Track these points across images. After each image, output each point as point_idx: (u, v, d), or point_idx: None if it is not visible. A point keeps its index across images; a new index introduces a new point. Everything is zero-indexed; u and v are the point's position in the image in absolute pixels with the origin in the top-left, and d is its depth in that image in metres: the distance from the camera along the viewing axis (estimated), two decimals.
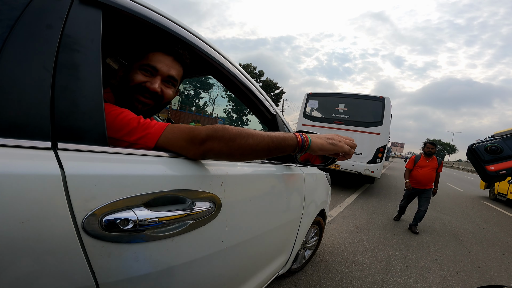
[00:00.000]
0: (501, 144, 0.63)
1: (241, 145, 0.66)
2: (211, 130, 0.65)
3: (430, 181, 3.72)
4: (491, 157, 0.63)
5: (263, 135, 0.69)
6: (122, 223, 0.50)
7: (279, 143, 0.70)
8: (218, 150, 0.65)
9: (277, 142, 0.70)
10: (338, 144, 0.79)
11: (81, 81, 0.50)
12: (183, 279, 0.68)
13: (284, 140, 0.70)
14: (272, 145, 0.69)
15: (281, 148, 0.71)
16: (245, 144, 0.66)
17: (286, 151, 0.73)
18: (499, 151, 0.62)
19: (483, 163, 0.64)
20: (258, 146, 0.67)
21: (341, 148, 0.79)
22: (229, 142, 0.65)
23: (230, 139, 0.65)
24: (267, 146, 0.69)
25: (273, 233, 1.13)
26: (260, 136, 0.68)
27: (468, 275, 2.43)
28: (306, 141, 0.74)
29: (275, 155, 0.72)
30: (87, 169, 0.48)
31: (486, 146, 0.64)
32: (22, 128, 0.42)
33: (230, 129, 0.66)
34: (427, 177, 3.71)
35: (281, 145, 0.70)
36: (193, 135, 0.65)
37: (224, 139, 0.64)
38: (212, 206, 0.71)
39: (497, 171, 0.62)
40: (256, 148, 0.67)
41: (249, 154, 0.68)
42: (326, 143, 0.77)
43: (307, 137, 0.75)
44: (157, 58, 0.76)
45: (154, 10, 0.68)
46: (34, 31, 0.45)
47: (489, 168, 0.63)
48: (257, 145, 0.67)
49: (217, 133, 0.64)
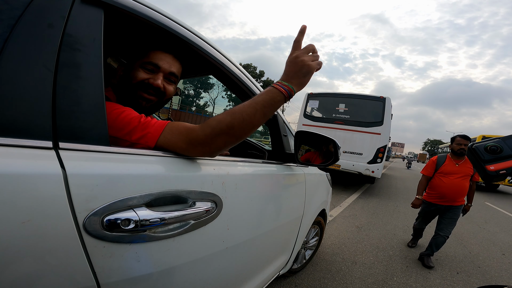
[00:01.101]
0: (501, 143, 0.63)
1: (241, 127, 0.65)
2: (208, 128, 0.64)
3: (461, 194, 2.42)
4: (491, 157, 0.63)
5: (253, 105, 0.67)
6: (123, 223, 0.50)
7: (270, 104, 0.69)
8: (225, 144, 0.65)
9: (268, 105, 0.68)
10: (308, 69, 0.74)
11: (82, 81, 0.50)
12: (185, 279, 0.68)
13: (273, 99, 0.69)
14: (266, 111, 0.68)
15: (274, 107, 0.70)
16: (244, 124, 0.65)
17: (278, 106, 0.71)
18: (499, 151, 0.63)
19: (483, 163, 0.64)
20: (255, 118, 0.66)
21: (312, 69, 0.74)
22: (230, 132, 0.64)
23: (229, 128, 0.64)
24: (262, 113, 0.68)
25: (274, 233, 1.13)
26: (252, 108, 0.67)
27: (468, 275, 2.43)
28: (290, 90, 0.72)
29: (270, 116, 0.71)
30: (88, 168, 0.48)
31: (486, 146, 0.64)
32: (23, 128, 0.42)
33: (223, 119, 0.65)
34: (457, 189, 2.41)
35: (273, 106, 0.69)
36: (191, 137, 0.64)
37: (224, 132, 0.64)
38: (213, 206, 0.71)
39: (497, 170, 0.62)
40: (254, 121, 0.66)
41: (251, 129, 0.67)
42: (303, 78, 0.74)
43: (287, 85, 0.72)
44: (158, 56, 0.78)
45: (155, 10, 0.68)
46: (35, 30, 0.45)
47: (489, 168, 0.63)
48: (254, 118, 0.66)
49: (214, 130, 0.64)
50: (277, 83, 0.71)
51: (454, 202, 2.45)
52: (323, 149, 1.39)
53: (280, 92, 0.70)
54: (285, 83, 0.72)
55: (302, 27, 0.75)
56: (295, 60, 0.74)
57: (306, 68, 0.73)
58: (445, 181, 2.46)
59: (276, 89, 0.70)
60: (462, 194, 2.43)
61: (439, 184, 2.50)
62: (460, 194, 2.42)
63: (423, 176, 2.68)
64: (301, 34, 0.75)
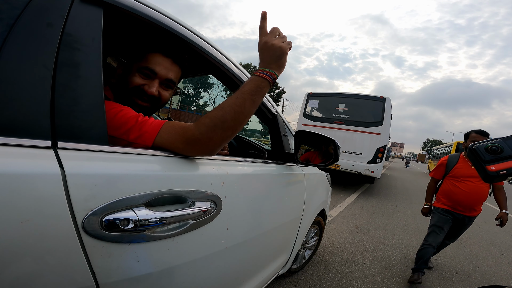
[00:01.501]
0: (502, 144, 0.64)
1: (234, 119, 0.66)
2: (203, 126, 0.64)
3: (479, 202, 2.00)
4: (491, 157, 0.63)
5: (241, 96, 0.68)
6: (122, 223, 0.49)
7: (257, 91, 0.70)
8: (222, 139, 0.65)
9: (255, 93, 0.70)
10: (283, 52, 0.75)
11: (81, 80, 0.50)
12: (184, 279, 0.67)
13: (259, 86, 0.71)
14: (255, 98, 0.70)
15: (261, 94, 0.71)
16: (237, 115, 0.66)
17: (265, 92, 0.73)
18: (500, 151, 0.63)
19: (484, 163, 0.64)
20: (246, 108, 0.68)
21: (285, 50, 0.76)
22: (225, 125, 0.65)
23: (222, 122, 0.64)
24: (252, 101, 0.69)
25: (273, 233, 1.13)
26: (241, 99, 0.68)
27: (468, 275, 2.43)
28: (273, 75, 0.73)
29: (259, 103, 0.73)
30: (87, 168, 0.48)
31: (487, 146, 0.64)
32: (22, 127, 0.42)
33: (215, 114, 0.65)
34: (476, 196, 1.97)
35: (260, 92, 0.71)
36: (187, 136, 0.64)
37: (219, 127, 0.64)
38: (213, 206, 0.70)
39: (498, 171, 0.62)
40: (245, 111, 0.68)
41: (244, 119, 0.68)
42: (279, 61, 0.75)
43: (268, 71, 0.73)
44: (156, 60, 0.77)
45: (154, 9, 0.68)
46: (34, 29, 0.45)
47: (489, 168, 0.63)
48: (245, 108, 0.67)
49: (208, 126, 0.64)
50: (258, 71, 0.73)
51: (471, 212, 2.03)
52: (323, 149, 1.39)
53: (263, 79, 0.72)
54: (265, 69, 0.73)
55: (262, 13, 0.77)
56: (265, 46, 0.75)
57: (279, 51, 0.75)
58: (461, 187, 2.01)
59: (259, 76, 0.72)
60: (481, 201, 1.99)
61: (452, 190, 2.05)
62: (479, 201, 1.99)
63: (431, 179, 2.28)
64: (264, 20, 0.77)
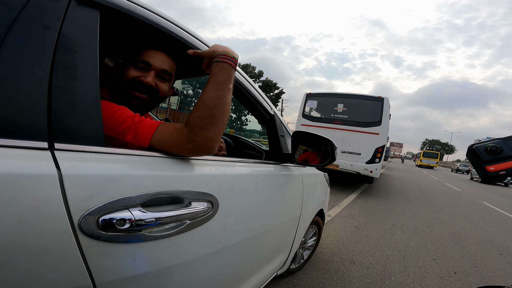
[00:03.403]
0: (501, 144, 0.64)
1: (220, 111, 0.68)
2: (195, 128, 0.64)
3: None
4: (491, 157, 0.63)
5: (217, 87, 0.70)
6: (118, 223, 0.50)
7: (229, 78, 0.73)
8: (217, 133, 0.67)
9: (228, 80, 0.73)
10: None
11: (78, 82, 0.50)
12: (181, 279, 0.68)
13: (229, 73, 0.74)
14: (229, 84, 0.73)
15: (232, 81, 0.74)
16: (221, 107, 0.68)
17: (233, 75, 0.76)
18: (499, 152, 0.63)
19: (483, 164, 0.64)
20: (226, 97, 0.71)
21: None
22: (214, 120, 0.66)
23: (211, 118, 0.66)
24: (228, 89, 0.72)
25: (271, 233, 1.13)
26: (219, 90, 0.70)
27: (466, 275, 2.43)
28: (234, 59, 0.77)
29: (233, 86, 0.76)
30: (83, 169, 0.48)
31: (486, 146, 0.64)
32: (19, 128, 0.43)
33: (201, 112, 0.66)
34: None
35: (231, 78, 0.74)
36: (184, 138, 0.64)
37: (209, 123, 0.65)
38: (210, 206, 0.71)
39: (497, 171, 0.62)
40: (226, 99, 0.70)
41: (228, 108, 0.71)
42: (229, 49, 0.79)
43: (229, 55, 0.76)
44: (150, 54, 0.79)
45: (152, 11, 0.68)
46: (31, 31, 0.45)
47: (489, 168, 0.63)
48: (225, 97, 0.70)
49: (200, 126, 0.64)
50: (221, 58, 0.75)
51: None
52: (322, 149, 1.40)
53: (229, 65, 0.75)
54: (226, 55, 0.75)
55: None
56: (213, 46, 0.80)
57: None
58: None
59: (226, 63, 0.74)
60: None
61: None
62: None
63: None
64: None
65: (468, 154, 0.69)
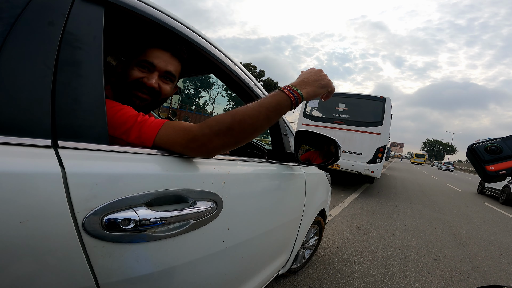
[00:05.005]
0: (501, 144, 0.63)
1: (242, 129, 0.63)
2: (206, 128, 0.62)
3: None
4: (491, 157, 0.63)
5: (257, 108, 0.65)
6: (123, 223, 0.49)
7: (275, 109, 0.66)
8: (222, 145, 0.64)
9: (273, 109, 0.66)
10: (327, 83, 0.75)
11: (82, 79, 0.50)
12: (184, 279, 0.67)
13: (279, 104, 0.67)
14: (270, 114, 0.66)
15: (279, 112, 0.67)
16: (245, 126, 0.63)
17: (284, 112, 0.69)
18: (499, 151, 0.63)
19: (483, 163, 0.64)
20: (258, 122, 0.64)
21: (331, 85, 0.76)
22: (229, 133, 0.62)
23: (228, 129, 0.62)
24: (266, 117, 0.65)
25: (273, 233, 1.13)
26: (255, 111, 0.64)
27: (467, 275, 2.43)
28: (298, 96, 0.70)
29: (275, 122, 0.69)
30: (88, 167, 0.47)
31: (486, 146, 0.64)
32: (22, 126, 0.42)
33: (223, 119, 0.63)
34: None
35: (278, 110, 0.67)
36: (189, 137, 0.63)
37: (222, 132, 0.62)
38: (214, 206, 0.70)
39: (497, 171, 0.62)
40: (256, 125, 0.64)
41: (252, 133, 0.65)
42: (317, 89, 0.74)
43: (296, 91, 0.70)
44: (155, 54, 0.76)
45: (156, 8, 0.67)
46: (35, 28, 0.44)
47: (489, 168, 0.63)
48: (257, 121, 0.64)
49: (212, 129, 0.62)
50: (286, 87, 0.69)
51: None
52: (324, 149, 1.39)
53: (287, 97, 0.68)
54: (295, 88, 0.70)
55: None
56: (318, 72, 0.75)
57: (326, 81, 0.75)
58: None
59: (284, 93, 0.68)
60: None
61: None
62: None
63: None
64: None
65: (468, 154, 0.69)
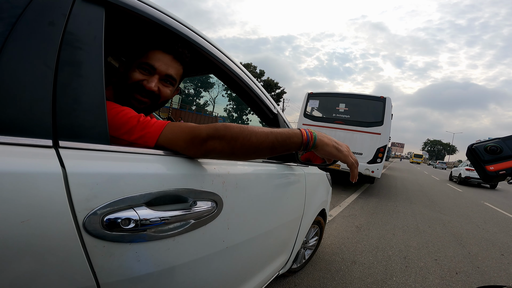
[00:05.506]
0: (501, 144, 0.63)
1: (244, 144, 0.63)
2: (212, 129, 0.63)
3: None
4: (491, 157, 0.63)
5: (267, 132, 0.65)
6: (123, 223, 0.49)
7: (284, 140, 0.66)
8: (220, 150, 0.63)
9: (281, 140, 0.66)
10: (343, 152, 0.73)
11: (83, 79, 0.50)
12: (184, 279, 0.67)
13: (289, 137, 0.66)
14: (276, 143, 0.65)
15: (285, 146, 0.67)
16: (248, 143, 0.63)
17: (291, 149, 0.68)
18: (499, 151, 0.62)
19: (483, 163, 0.64)
20: (262, 145, 0.64)
21: (345, 158, 0.73)
22: (231, 142, 0.63)
23: (232, 138, 0.62)
24: (271, 144, 0.65)
25: (274, 233, 1.13)
26: (263, 134, 0.64)
27: (467, 275, 2.43)
28: (311, 139, 0.69)
29: (278, 154, 0.68)
30: (88, 167, 0.47)
31: (486, 146, 0.64)
32: (23, 126, 0.42)
33: (232, 127, 0.63)
34: None
35: (285, 143, 0.66)
36: (194, 135, 0.63)
37: (226, 138, 0.62)
38: (214, 206, 0.70)
39: (497, 171, 0.62)
40: (259, 147, 0.64)
41: (252, 153, 0.65)
42: (332, 146, 0.72)
43: (312, 134, 0.70)
44: (156, 57, 0.76)
45: (156, 8, 0.67)
46: (36, 28, 0.44)
47: (488, 168, 0.63)
48: (261, 144, 0.64)
49: (218, 132, 0.62)
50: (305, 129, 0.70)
51: None
52: None
53: (300, 135, 0.68)
54: (312, 131, 0.69)
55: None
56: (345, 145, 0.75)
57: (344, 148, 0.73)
58: None
59: (300, 130, 0.68)
60: None
61: None
62: None
63: None
64: None
65: (467, 153, 0.69)
